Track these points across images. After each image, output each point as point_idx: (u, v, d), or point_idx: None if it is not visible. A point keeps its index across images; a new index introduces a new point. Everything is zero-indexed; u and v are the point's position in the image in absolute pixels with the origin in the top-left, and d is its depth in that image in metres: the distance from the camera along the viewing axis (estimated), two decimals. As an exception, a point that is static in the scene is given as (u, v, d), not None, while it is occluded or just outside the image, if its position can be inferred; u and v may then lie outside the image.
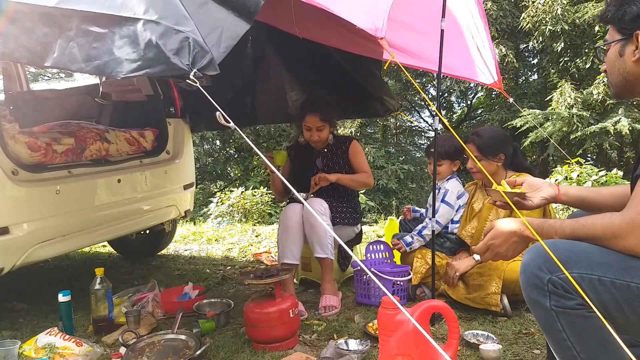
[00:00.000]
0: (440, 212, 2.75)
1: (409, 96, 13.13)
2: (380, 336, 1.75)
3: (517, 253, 1.43)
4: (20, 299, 2.98)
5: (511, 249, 1.41)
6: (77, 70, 1.63)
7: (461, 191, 2.83)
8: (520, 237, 1.39)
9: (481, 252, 1.46)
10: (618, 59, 1.33)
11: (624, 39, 1.30)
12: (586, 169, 6.38)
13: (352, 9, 2.08)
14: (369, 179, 2.99)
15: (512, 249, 1.41)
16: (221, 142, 12.84)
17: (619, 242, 1.19)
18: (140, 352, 2.02)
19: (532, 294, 1.22)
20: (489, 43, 3.06)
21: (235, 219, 7.42)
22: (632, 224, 1.17)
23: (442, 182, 2.85)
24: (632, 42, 1.28)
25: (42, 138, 2.58)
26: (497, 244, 1.41)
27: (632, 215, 1.18)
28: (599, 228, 1.22)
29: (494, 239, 1.42)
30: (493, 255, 1.44)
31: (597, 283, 1.16)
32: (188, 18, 1.55)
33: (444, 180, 2.85)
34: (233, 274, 3.57)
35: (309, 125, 2.91)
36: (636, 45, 1.27)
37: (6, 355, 1.96)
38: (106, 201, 2.87)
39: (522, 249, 1.41)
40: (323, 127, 2.91)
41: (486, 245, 1.44)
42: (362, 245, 3.31)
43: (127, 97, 3.66)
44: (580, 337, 1.18)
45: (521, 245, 1.41)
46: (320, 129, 2.91)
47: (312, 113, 2.88)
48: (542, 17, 8.93)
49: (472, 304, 2.46)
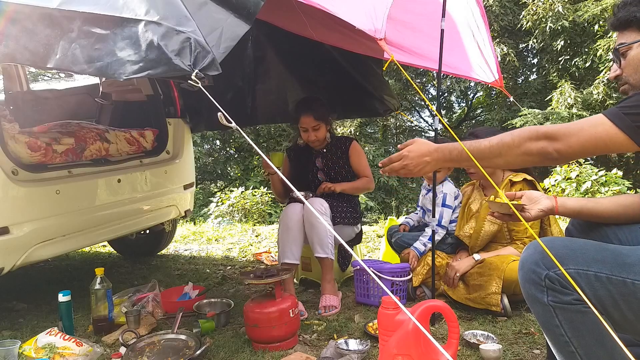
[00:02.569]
0: (445, 218, 2.78)
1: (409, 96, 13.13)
2: (380, 336, 1.75)
3: (423, 173, 1.53)
4: (20, 299, 2.98)
5: (420, 166, 1.51)
6: (80, 71, 1.63)
7: (456, 192, 2.86)
8: (432, 159, 1.48)
9: (391, 161, 1.54)
10: None
11: None
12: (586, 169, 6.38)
13: (352, 9, 2.08)
14: (370, 183, 3.03)
15: (421, 167, 1.51)
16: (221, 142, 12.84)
17: None
18: (140, 352, 2.02)
19: (530, 290, 1.23)
20: (489, 41, 3.06)
21: (235, 219, 7.43)
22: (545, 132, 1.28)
23: (438, 186, 2.86)
24: None
25: (42, 138, 2.58)
26: (410, 157, 1.49)
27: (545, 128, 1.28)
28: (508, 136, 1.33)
29: (410, 152, 1.50)
30: (401, 166, 1.52)
31: (594, 279, 1.17)
32: (189, 18, 1.55)
33: (440, 184, 2.87)
34: (233, 274, 3.57)
35: (304, 126, 2.93)
36: None
37: (6, 355, 1.96)
38: (106, 201, 2.87)
39: (430, 171, 1.53)
40: (319, 126, 2.92)
41: (399, 155, 1.51)
42: (362, 245, 3.31)
43: (127, 97, 3.66)
44: (578, 332, 1.18)
45: (430, 166, 1.51)
46: (316, 129, 2.92)
47: (306, 113, 2.90)
48: (543, 14, 8.93)
49: (472, 304, 2.46)
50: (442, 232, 2.78)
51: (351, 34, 2.61)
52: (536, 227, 2.51)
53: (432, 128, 12.63)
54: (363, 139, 12.13)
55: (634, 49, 1.33)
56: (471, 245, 2.64)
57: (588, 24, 8.96)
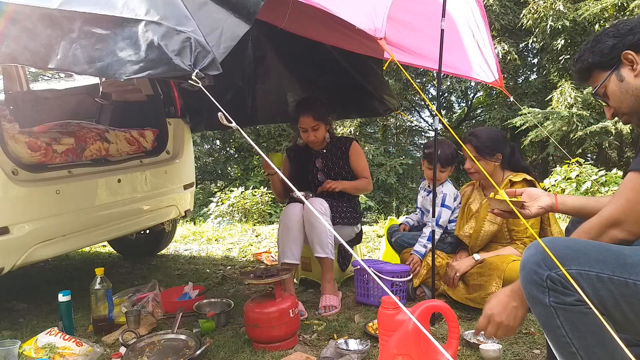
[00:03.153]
0: (443, 218, 2.78)
1: (409, 96, 13.12)
2: (380, 336, 1.75)
3: (519, 319, 1.34)
4: (20, 299, 2.98)
5: (512, 315, 1.34)
6: (81, 72, 1.63)
7: (456, 193, 2.87)
8: (517, 300, 1.33)
9: (483, 327, 1.39)
10: (621, 85, 1.40)
11: (614, 69, 1.40)
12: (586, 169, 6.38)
13: (352, 9, 2.08)
14: (369, 185, 3.06)
15: (514, 316, 1.34)
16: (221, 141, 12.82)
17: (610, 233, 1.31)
18: (140, 352, 2.02)
19: (531, 290, 1.23)
20: (489, 41, 3.06)
21: (235, 219, 7.42)
22: None
23: (438, 187, 2.87)
24: (624, 65, 1.39)
25: (42, 138, 2.58)
26: (497, 314, 1.36)
27: None
28: None
29: (492, 309, 1.37)
30: (495, 328, 1.37)
31: (595, 279, 1.16)
32: (189, 18, 1.55)
33: (440, 184, 2.87)
34: (233, 274, 3.57)
35: (304, 127, 2.92)
36: (630, 62, 1.37)
37: (6, 355, 1.96)
38: (106, 201, 2.87)
39: (524, 314, 1.35)
40: (318, 126, 2.91)
41: (486, 317, 1.38)
42: (362, 245, 3.31)
43: (127, 97, 3.66)
44: (579, 333, 1.18)
45: (521, 309, 1.34)
46: (316, 129, 2.91)
47: (305, 113, 2.89)
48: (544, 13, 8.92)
49: (472, 304, 2.46)
50: (439, 232, 2.78)
51: (351, 34, 2.61)
52: (536, 227, 2.51)
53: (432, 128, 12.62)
54: (363, 139, 12.12)
55: (608, 85, 1.42)
56: (471, 245, 2.64)
57: (589, 23, 8.94)
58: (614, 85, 1.41)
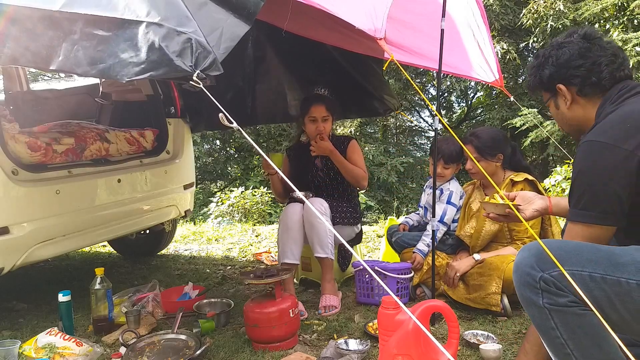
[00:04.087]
0: (448, 215, 2.78)
1: (409, 96, 13.11)
2: (380, 336, 1.75)
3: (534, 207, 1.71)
4: (20, 299, 2.98)
5: None
6: (83, 73, 1.63)
7: (462, 191, 2.87)
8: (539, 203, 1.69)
9: None
10: (558, 113, 1.53)
11: (552, 96, 1.52)
12: (586, 169, 6.34)
13: (352, 9, 2.08)
14: (363, 179, 2.93)
15: None
16: (221, 141, 12.81)
17: None
18: (140, 352, 2.02)
19: (525, 292, 1.23)
20: (489, 41, 3.06)
21: (235, 219, 7.42)
22: None
23: (444, 184, 2.87)
24: (559, 95, 1.49)
25: (42, 138, 2.59)
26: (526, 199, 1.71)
27: None
28: None
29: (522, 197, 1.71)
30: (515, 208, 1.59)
31: (588, 279, 1.17)
32: (190, 19, 1.55)
33: (446, 182, 2.87)
34: (233, 274, 3.58)
35: (314, 116, 2.91)
36: (563, 95, 1.47)
37: (6, 355, 1.96)
38: (106, 201, 2.87)
39: (542, 203, 1.70)
40: (328, 117, 2.93)
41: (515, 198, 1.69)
42: (362, 245, 3.32)
43: (127, 97, 3.66)
44: (573, 334, 1.19)
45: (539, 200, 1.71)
46: (326, 119, 2.93)
47: (317, 102, 2.91)
48: (544, 12, 8.92)
49: (472, 304, 2.46)
50: (443, 229, 2.78)
51: (351, 34, 2.61)
52: (537, 227, 2.51)
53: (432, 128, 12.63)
54: (363, 138, 12.10)
55: (551, 106, 1.54)
56: (472, 245, 2.64)
57: (589, 23, 8.94)
58: (553, 110, 1.53)
